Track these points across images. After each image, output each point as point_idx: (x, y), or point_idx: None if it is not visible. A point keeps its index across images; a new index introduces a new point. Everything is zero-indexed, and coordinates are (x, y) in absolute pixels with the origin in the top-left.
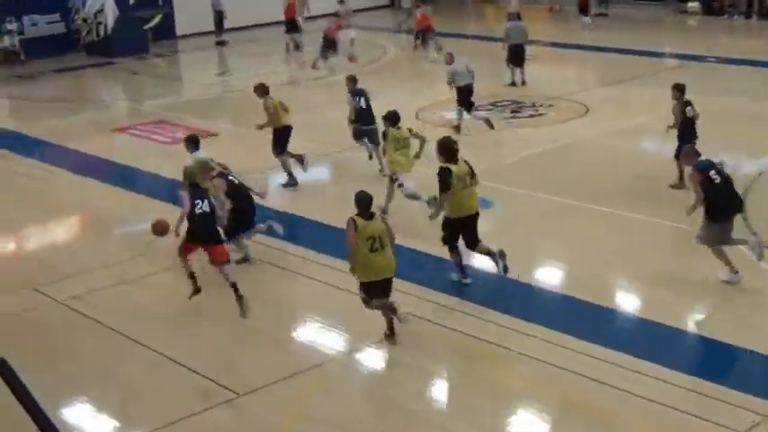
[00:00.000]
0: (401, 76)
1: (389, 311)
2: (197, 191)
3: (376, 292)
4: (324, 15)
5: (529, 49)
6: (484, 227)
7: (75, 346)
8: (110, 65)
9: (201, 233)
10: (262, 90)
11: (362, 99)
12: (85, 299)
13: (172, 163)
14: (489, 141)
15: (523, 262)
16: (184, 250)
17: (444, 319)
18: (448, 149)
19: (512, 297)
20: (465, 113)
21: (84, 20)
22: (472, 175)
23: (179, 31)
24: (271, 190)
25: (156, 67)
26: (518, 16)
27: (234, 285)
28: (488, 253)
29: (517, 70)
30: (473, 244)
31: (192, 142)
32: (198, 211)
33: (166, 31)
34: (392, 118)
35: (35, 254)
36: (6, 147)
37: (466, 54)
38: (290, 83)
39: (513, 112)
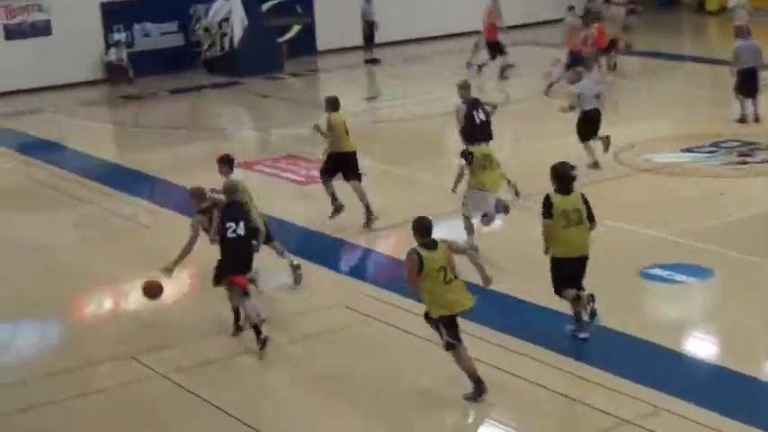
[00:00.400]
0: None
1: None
2: (234, 210)
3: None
4: (515, 27)
5: (764, 76)
6: (698, 300)
7: (179, 428)
8: (235, 85)
9: (233, 262)
10: (330, 104)
11: (480, 111)
12: (193, 373)
13: (305, 207)
14: (710, 192)
15: (741, 347)
16: (241, 286)
17: (567, 387)
18: (557, 177)
19: (658, 367)
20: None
21: (207, 30)
22: (590, 216)
23: (320, 45)
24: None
25: (290, 89)
26: (748, 31)
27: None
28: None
29: (749, 102)
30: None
31: (227, 163)
32: (230, 234)
33: (305, 45)
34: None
35: (134, 315)
36: (106, 182)
37: (682, 79)
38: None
39: (741, 155)
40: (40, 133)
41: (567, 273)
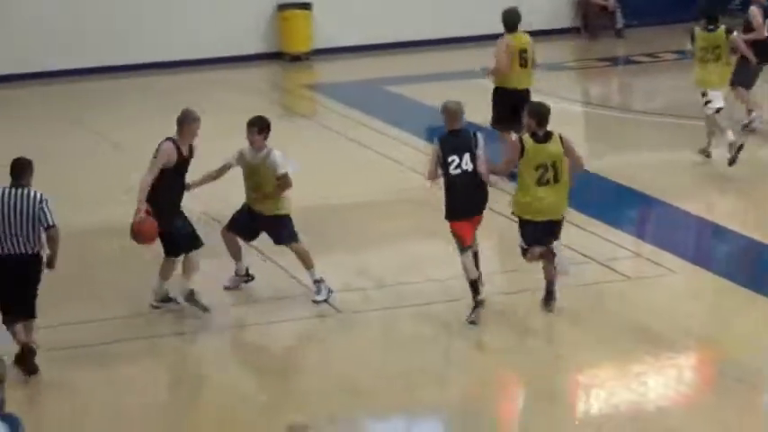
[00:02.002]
0: None
1: (548, 259)
2: (452, 139)
3: (535, 235)
4: None
5: None
6: None
7: None
8: None
9: (464, 203)
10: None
11: None
12: None
13: None
14: None
15: None
16: (461, 238)
17: None
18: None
19: None
20: None
21: None
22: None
23: None
24: None
25: None
26: None
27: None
28: None
29: None
30: None
31: (264, 129)
32: (453, 171)
33: None
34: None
35: None
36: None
37: None
38: None
39: None
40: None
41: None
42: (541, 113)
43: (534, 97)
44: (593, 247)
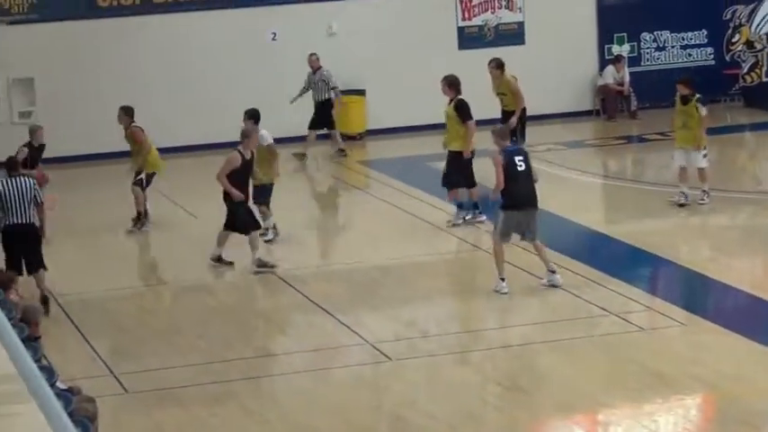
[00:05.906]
0: None
1: None
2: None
3: None
4: None
5: None
6: None
7: None
8: None
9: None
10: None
11: None
12: None
13: None
14: None
15: None
16: None
17: None
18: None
19: None
20: None
21: (750, 44)
22: None
23: None
24: None
25: None
26: None
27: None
28: None
29: None
30: None
31: (254, 117)
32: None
33: None
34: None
35: None
36: (587, 260)
37: None
38: None
39: None
40: None
41: None
42: None
43: (558, 171)
44: (610, 301)
